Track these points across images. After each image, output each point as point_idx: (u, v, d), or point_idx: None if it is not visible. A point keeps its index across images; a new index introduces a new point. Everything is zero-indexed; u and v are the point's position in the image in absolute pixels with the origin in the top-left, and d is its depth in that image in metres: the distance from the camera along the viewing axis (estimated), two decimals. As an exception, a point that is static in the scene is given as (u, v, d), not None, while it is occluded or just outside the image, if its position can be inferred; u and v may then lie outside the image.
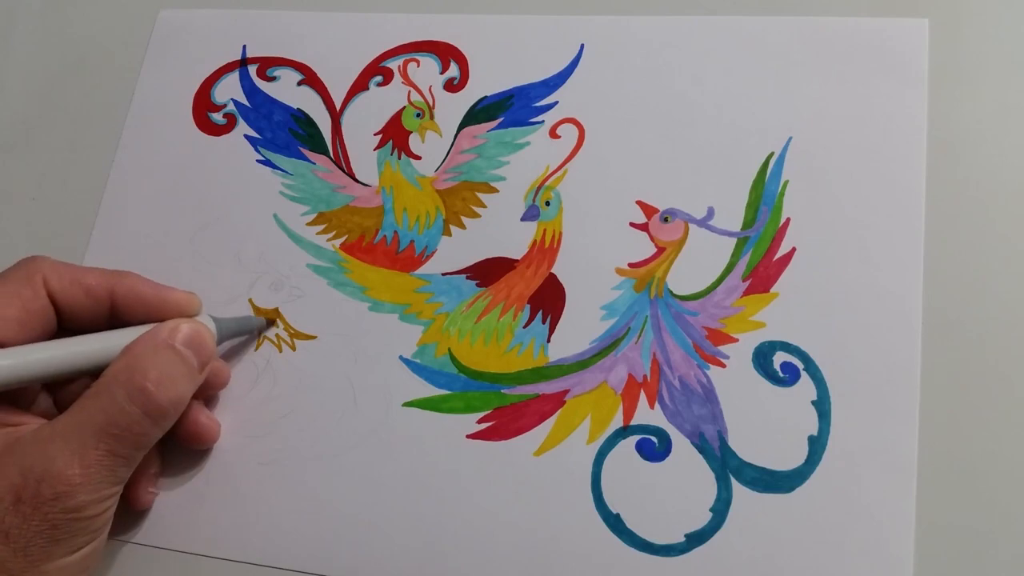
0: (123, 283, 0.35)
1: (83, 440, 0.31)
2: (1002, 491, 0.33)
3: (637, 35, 0.42)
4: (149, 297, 0.36)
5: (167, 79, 0.45)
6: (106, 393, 0.32)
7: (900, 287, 0.35)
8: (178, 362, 0.34)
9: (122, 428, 0.32)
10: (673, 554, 0.33)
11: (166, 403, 0.33)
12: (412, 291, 0.39)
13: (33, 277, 0.34)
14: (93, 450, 0.31)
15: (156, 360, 0.33)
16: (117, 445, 0.32)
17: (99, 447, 0.31)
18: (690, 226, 0.38)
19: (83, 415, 0.32)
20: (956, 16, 0.39)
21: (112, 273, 0.36)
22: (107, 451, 0.31)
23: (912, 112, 0.38)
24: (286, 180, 0.42)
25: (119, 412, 0.32)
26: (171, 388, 0.33)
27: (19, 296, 0.34)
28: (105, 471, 0.31)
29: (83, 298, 0.35)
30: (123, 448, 0.32)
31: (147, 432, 0.32)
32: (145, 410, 0.32)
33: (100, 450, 0.31)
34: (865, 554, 0.32)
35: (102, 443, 0.31)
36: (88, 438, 0.31)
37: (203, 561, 0.36)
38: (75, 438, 0.31)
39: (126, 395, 0.32)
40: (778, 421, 0.35)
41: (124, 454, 0.32)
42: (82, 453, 0.31)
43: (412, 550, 0.35)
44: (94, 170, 0.43)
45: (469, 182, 0.40)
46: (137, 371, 0.32)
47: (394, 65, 0.43)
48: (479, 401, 0.37)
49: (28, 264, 0.35)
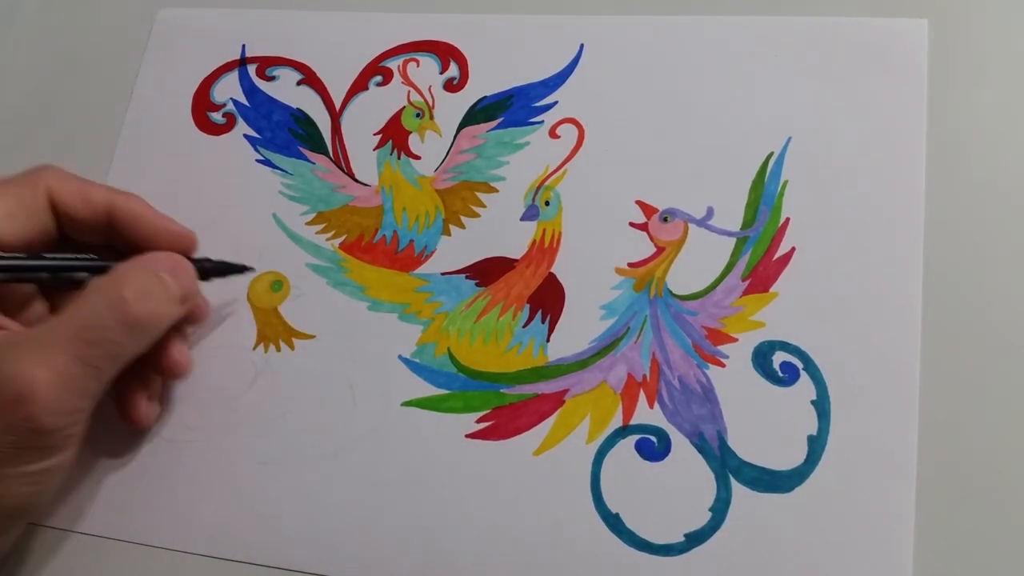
0: (125, 202, 0.36)
1: (55, 345, 0.31)
2: (1002, 491, 0.33)
3: (637, 35, 0.42)
4: (145, 221, 0.36)
5: (166, 78, 0.45)
6: (84, 301, 0.32)
7: (900, 287, 0.35)
8: (159, 283, 0.34)
9: (95, 334, 0.31)
10: (672, 554, 0.33)
11: (141, 313, 0.32)
12: (411, 291, 0.39)
13: (37, 182, 0.35)
14: (63, 355, 0.30)
15: (138, 276, 0.33)
16: (89, 351, 0.31)
17: (69, 351, 0.31)
18: (689, 226, 0.38)
19: (59, 322, 0.32)
20: (956, 16, 0.39)
21: (118, 192, 0.37)
22: (77, 356, 0.31)
23: (912, 112, 0.38)
24: (285, 180, 0.42)
25: (95, 317, 0.32)
26: (150, 304, 0.33)
27: (20, 196, 0.35)
28: (73, 379, 0.31)
29: (83, 208, 0.36)
30: (94, 356, 0.31)
31: (121, 342, 0.32)
32: (121, 318, 0.32)
33: (70, 355, 0.31)
34: (865, 554, 0.32)
35: (73, 348, 0.31)
36: (59, 343, 0.31)
37: (203, 561, 0.36)
38: (46, 343, 0.31)
39: (104, 303, 0.32)
40: (777, 421, 0.35)
41: (95, 363, 0.31)
42: (50, 356, 0.30)
43: (411, 550, 0.35)
44: (93, 169, 0.43)
45: (468, 182, 0.40)
46: (117, 283, 0.33)
47: (394, 65, 0.43)
48: (478, 401, 0.37)
49: (36, 170, 0.36)
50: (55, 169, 0.36)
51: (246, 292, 0.40)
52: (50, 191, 0.35)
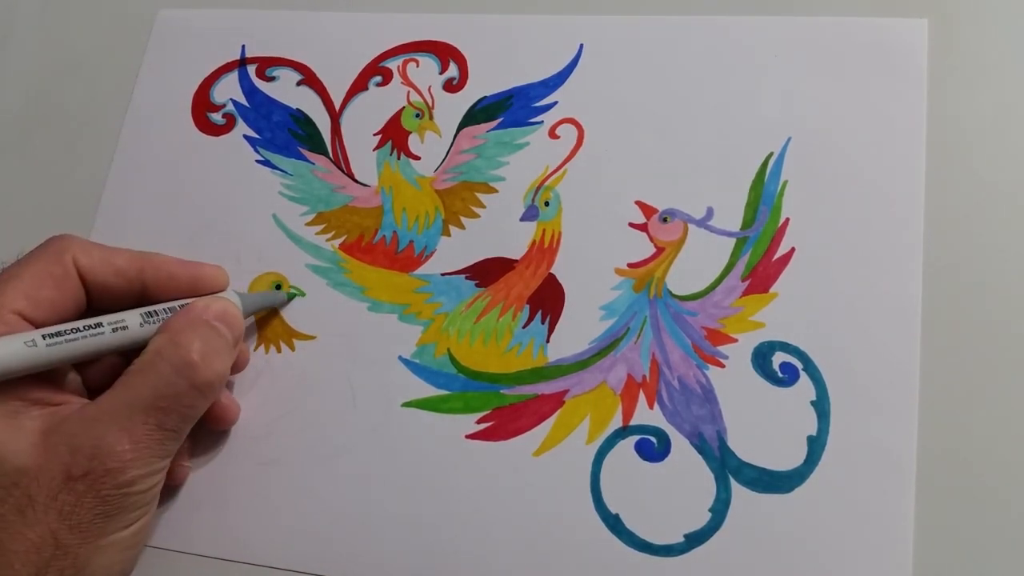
0: (152, 262, 0.36)
1: (132, 416, 0.31)
2: (1001, 491, 0.33)
3: (637, 35, 0.42)
4: (180, 275, 0.36)
5: (166, 79, 0.45)
6: (151, 369, 0.32)
7: (899, 287, 0.35)
8: (216, 336, 0.34)
9: (170, 401, 0.32)
10: (672, 554, 0.33)
11: (212, 376, 0.33)
12: (411, 291, 0.39)
13: (63, 256, 0.34)
14: (142, 425, 0.32)
15: (197, 334, 0.33)
16: (165, 419, 0.32)
17: (148, 422, 0.32)
18: (689, 226, 0.38)
19: (129, 392, 0.32)
20: (956, 16, 0.39)
21: (140, 254, 0.36)
22: (156, 425, 0.32)
23: (912, 112, 0.38)
24: (285, 180, 0.42)
25: (167, 386, 0.32)
26: (215, 360, 0.33)
27: (51, 275, 0.34)
28: (155, 445, 0.32)
29: (113, 278, 0.35)
30: (171, 421, 0.32)
31: (194, 404, 0.33)
32: (192, 382, 0.33)
33: (149, 424, 0.32)
34: (864, 554, 0.32)
35: (151, 418, 0.32)
36: (137, 413, 0.32)
37: (203, 561, 0.36)
38: (123, 414, 0.31)
39: (172, 369, 0.32)
40: (777, 421, 0.35)
41: (172, 427, 0.32)
42: (131, 428, 0.31)
43: (411, 550, 0.35)
44: (93, 170, 0.43)
45: (468, 182, 0.40)
46: (181, 346, 0.33)
47: (393, 65, 0.43)
48: (478, 401, 0.37)
49: (58, 243, 0.35)
50: (75, 238, 0.35)
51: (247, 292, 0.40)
52: (76, 261, 0.34)
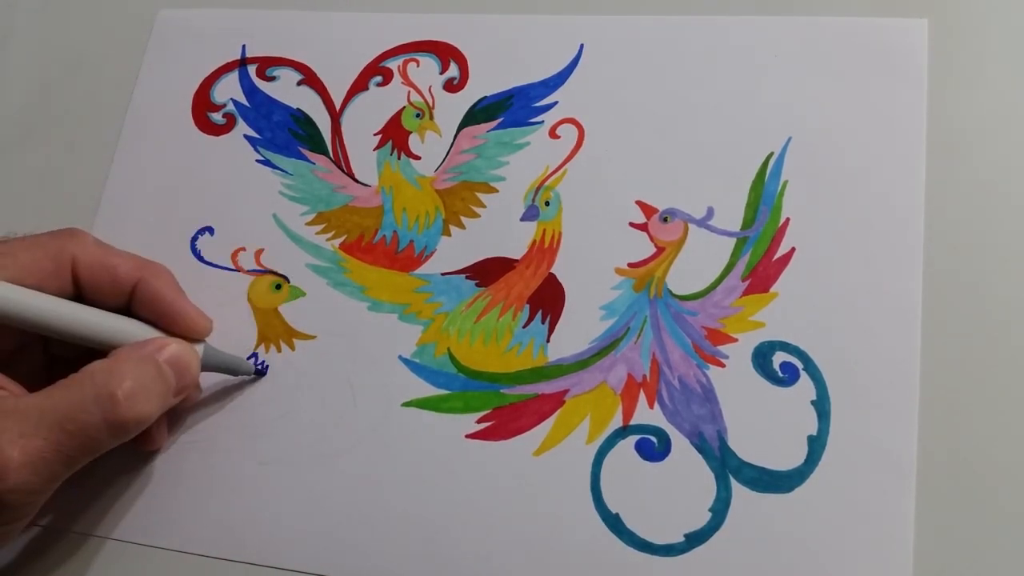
0: (149, 280, 0.35)
1: (36, 426, 0.30)
2: (1002, 491, 0.33)
3: (637, 35, 0.42)
4: (166, 303, 0.35)
5: (166, 79, 0.45)
6: (76, 388, 0.31)
7: (900, 287, 0.35)
8: (157, 379, 0.33)
9: (77, 427, 0.31)
10: (672, 554, 0.33)
11: (130, 418, 0.32)
12: (411, 291, 0.39)
13: (62, 253, 0.34)
14: (41, 439, 0.30)
15: (135, 371, 0.32)
16: (68, 442, 0.31)
17: (48, 437, 0.30)
18: (689, 226, 0.38)
19: (45, 400, 0.31)
20: (956, 16, 0.39)
21: (144, 264, 0.36)
22: (54, 444, 0.30)
23: (912, 112, 0.38)
24: (285, 180, 0.42)
25: (80, 410, 0.31)
26: (141, 404, 0.32)
27: (40, 268, 0.34)
28: (43, 464, 0.30)
29: (107, 284, 0.35)
30: (71, 447, 0.31)
31: (99, 439, 0.31)
32: (106, 418, 0.31)
33: (48, 440, 0.30)
34: (865, 554, 0.32)
35: (52, 434, 0.30)
36: (42, 426, 0.30)
37: (203, 561, 0.36)
38: (30, 420, 0.30)
39: (94, 396, 0.31)
40: (777, 421, 0.35)
41: (70, 453, 0.31)
42: (29, 438, 0.30)
43: (411, 550, 0.35)
44: (93, 170, 0.43)
45: (469, 182, 0.40)
46: (114, 377, 0.32)
47: (394, 65, 0.43)
48: (478, 401, 0.37)
49: (65, 238, 0.35)
50: (82, 236, 0.35)
51: (247, 293, 0.40)
52: (75, 261, 0.34)
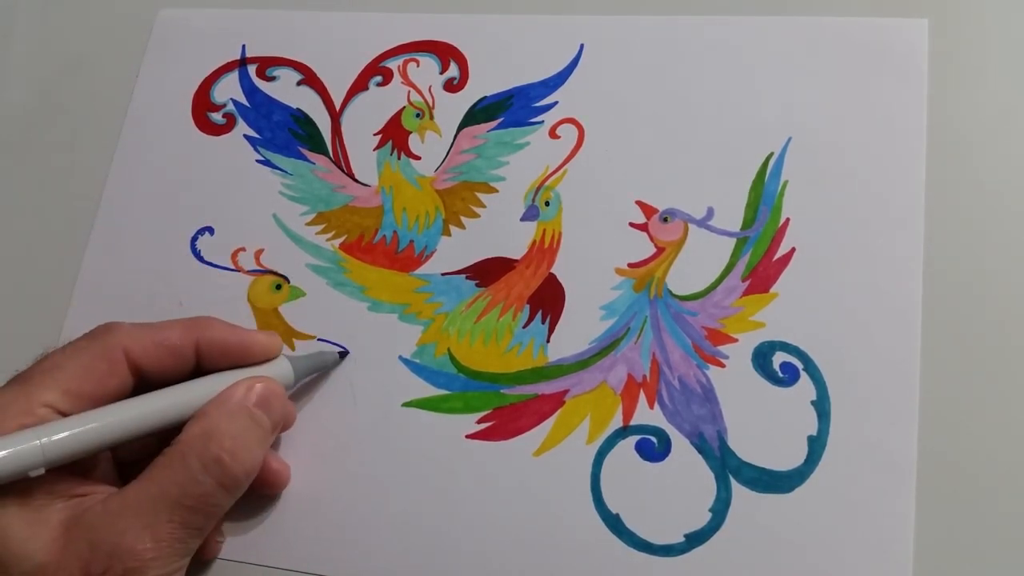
0: (205, 335, 0.34)
1: (156, 513, 0.30)
2: (1002, 491, 0.33)
3: (637, 35, 0.42)
4: (232, 345, 0.34)
5: (166, 79, 0.45)
6: (180, 463, 0.31)
7: (900, 287, 0.35)
8: (253, 427, 0.33)
9: (196, 500, 0.31)
10: (673, 554, 0.33)
11: (241, 474, 0.32)
12: (411, 291, 0.39)
13: (112, 350, 0.33)
14: (167, 523, 0.30)
15: (231, 427, 0.32)
16: (190, 517, 0.31)
17: (172, 520, 0.30)
18: (690, 226, 0.38)
19: (155, 487, 0.31)
20: (956, 16, 0.39)
21: (193, 324, 0.34)
22: (180, 523, 0.30)
23: (912, 112, 0.38)
24: (285, 180, 0.42)
25: (193, 484, 0.31)
26: (246, 457, 0.32)
27: (95, 370, 0.32)
28: (177, 543, 0.30)
29: (168, 358, 0.34)
30: (196, 520, 0.31)
31: (221, 503, 0.32)
32: (220, 481, 0.31)
33: (174, 523, 0.30)
34: (865, 554, 0.32)
35: (176, 516, 0.30)
36: (161, 511, 0.30)
37: (203, 561, 0.36)
38: (147, 511, 0.30)
39: (201, 466, 0.31)
40: (777, 421, 0.35)
41: (197, 525, 0.31)
42: (154, 527, 0.30)
43: (411, 550, 0.35)
44: (94, 170, 0.43)
45: (469, 182, 0.40)
46: (213, 440, 0.31)
47: (394, 65, 0.43)
48: (478, 401, 0.37)
49: (105, 335, 0.33)
50: (122, 326, 0.34)
51: (246, 293, 0.40)
52: (127, 352, 0.33)
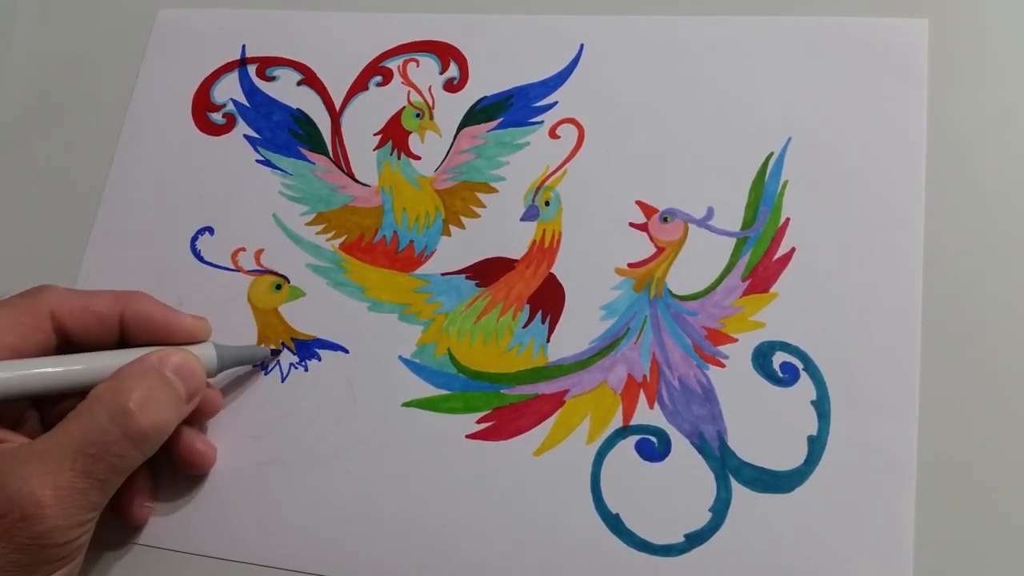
0: (132, 307, 0.35)
1: (59, 460, 0.30)
2: (1001, 491, 0.33)
3: (637, 35, 0.42)
4: (157, 321, 0.35)
5: (166, 79, 0.45)
6: (87, 413, 0.31)
7: (900, 287, 0.35)
8: (164, 387, 0.33)
9: (100, 448, 0.31)
10: (672, 554, 0.33)
11: (147, 426, 0.32)
12: (411, 291, 0.39)
13: (37, 307, 0.34)
14: (68, 471, 0.30)
15: (142, 383, 0.32)
16: (93, 466, 0.30)
17: (74, 467, 0.30)
18: (690, 226, 0.38)
19: (62, 435, 0.31)
20: (956, 16, 0.39)
21: (122, 296, 0.35)
22: (82, 472, 0.30)
23: (912, 112, 0.38)
24: (285, 180, 0.42)
25: (98, 431, 0.31)
26: (154, 412, 0.32)
27: (19, 324, 0.33)
28: (78, 494, 0.30)
29: (94, 325, 0.34)
30: (99, 470, 0.31)
31: (125, 455, 0.31)
32: (125, 431, 0.31)
33: (75, 471, 0.30)
34: (865, 554, 0.32)
35: (78, 463, 0.30)
36: (64, 458, 0.30)
37: (203, 561, 0.36)
38: (51, 458, 0.30)
39: (107, 415, 0.31)
40: (777, 421, 0.35)
41: (100, 476, 0.31)
42: (56, 473, 0.30)
43: (412, 550, 0.35)
44: (94, 170, 0.43)
45: (469, 182, 0.40)
46: (121, 392, 0.32)
47: (394, 65, 0.43)
48: (478, 401, 0.37)
49: (34, 294, 0.34)
50: (53, 288, 0.35)
51: (246, 293, 0.40)
52: (53, 312, 0.34)
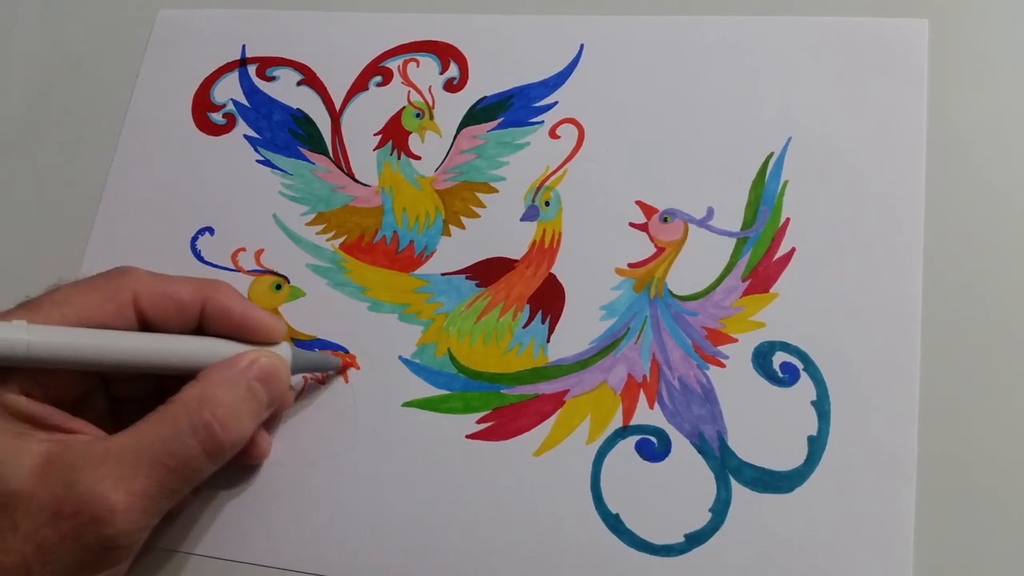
0: (214, 297, 0.34)
1: (136, 466, 0.30)
2: (1002, 491, 0.33)
3: (637, 35, 0.42)
4: (236, 316, 0.35)
5: (166, 79, 0.45)
6: (170, 421, 0.31)
7: (900, 287, 0.35)
8: (249, 399, 0.33)
9: (178, 461, 0.31)
10: (672, 554, 0.33)
11: (228, 444, 0.32)
12: (411, 291, 0.39)
13: (121, 293, 0.33)
14: (144, 479, 0.30)
15: (228, 395, 0.32)
16: (168, 477, 0.30)
17: (150, 475, 0.30)
18: (690, 226, 0.38)
19: (141, 439, 0.31)
20: (956, 16, 0.39)
21: (204, 285, 0.35)
22: (157, 481, 0.30)
23: (912, 112, 0.38)
24: (285, 180, 0.42)
25: (179, 444, 0.31)
26: (237, 427, 0.32)
27: (102, 310, 0.33)
28: (149, 501, 0.30)
29: (174, 313, 0.34)
30: (173, 481, 0.31)
31: (202, 469, 0.31)
32: (205, 447, 0.31)
33: (151, 479, 0.30)
34: (865, 554, 0.32)
35: (154, 472, 0.30)
36: (141, 465, 0.30)
37: (203, 561, 0.36)
38: (127, 462, 0.30)
39: (190, 427, 0.31)
40: (777, 421, 0.35)
41: (173, 487, 0.31)
42: (130, 479, 0.30)
43: (412, 550, 0.35)
44: (94, 170, 0.43)
45: (469, 182, 0.40)
46: (207, 404, 0.31)
47: (394, 65, 0.43)
48: (478, 401, 0.37)
49: (119, 277, 0.34)
50: (135, 271, 0.34)
51: (247, 293, 0.40)
52: (136, 297, 0.33)
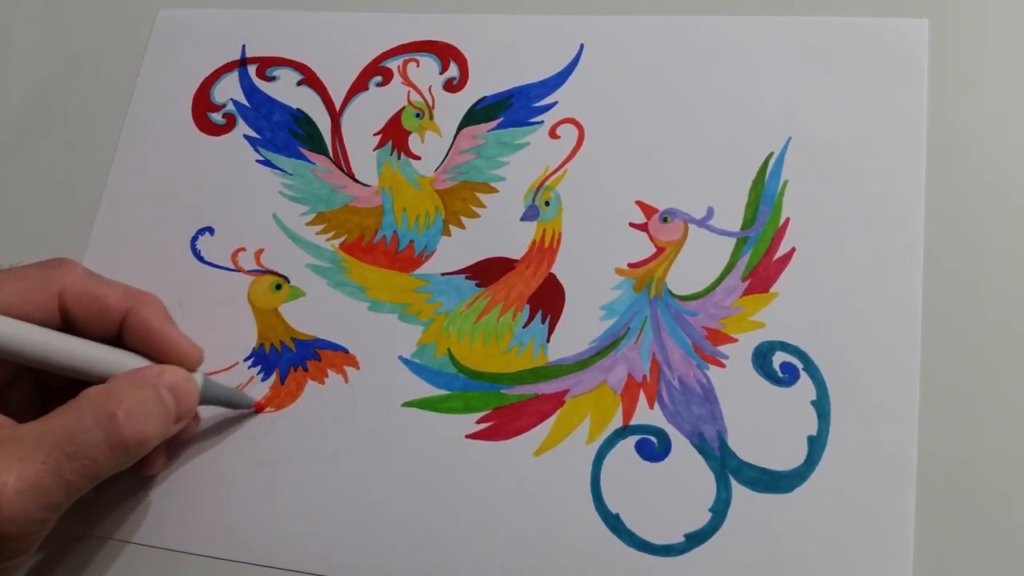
0: (138, 310, 0.35)
1: (33, 451, 0.29)
2: (1001, 491, 0.33)
3: (637, 35, 0.42)
4: (154, 332, 0.35)
5: (166, 79, 0.45)
6: (74, 410, 0.31)
7: (900, 287, 0.35)
8: (156, 401, 0.33)
9: (77, 448, 0.30)
10: (672, 554, 0.33)
11: (130, 437, 0.31)
12: (411, 291, 0.39)
13: (50, 285, 0.34)
14: (39, 463, 0.29)
15: (136, 392, 0.32)
16: (66, 464, 0.30)
17: (46, 461, 0.29)
18: (689, 226, 0.38)
19: (43, 426, 0.30)
20: (956, 16, 0.39)
21: (133, 294, 0.35)
22: (53, 468, 0.30)
23: (912, 112, 0.38)
24: (285, 180, 0.42)
25: (80, 430, 0.30)
26: (142, 424, 0.32)
27: (27, 300, 0.33)
28: (41, 490, 0.29)
29: (97, 315, 0.34)
30: (70, 469, 0.30)
31: (100, 460, 0.31)
32: (107, 436, 0.31)
33: (47, 465, 0.29)
34: (865, 554, 0.32)
35: (51, 458, 0.30)
36: (39, 450, 0.30)
37: (203, 561, 0.36)
38: (27, 446, 0.30)
39: (93, 416, 0.31)
40: (777, 421, 0.35)
41: (69, 476, 0.30)
42: (25, 462, 0.29)
43: (412, 550, 0.35)
44: (93, 170, 0.43)
45: (469, 182, 0.40)
46: (112, 397, 0.31)
47: (394, 65, 0.43)
48: (478, 401, 0.37)
49: (52, 269, 0.34)
50: (71, 266, 0.35)
51: (246, 293, 0.40)
52: (63, 292, 0.34)
